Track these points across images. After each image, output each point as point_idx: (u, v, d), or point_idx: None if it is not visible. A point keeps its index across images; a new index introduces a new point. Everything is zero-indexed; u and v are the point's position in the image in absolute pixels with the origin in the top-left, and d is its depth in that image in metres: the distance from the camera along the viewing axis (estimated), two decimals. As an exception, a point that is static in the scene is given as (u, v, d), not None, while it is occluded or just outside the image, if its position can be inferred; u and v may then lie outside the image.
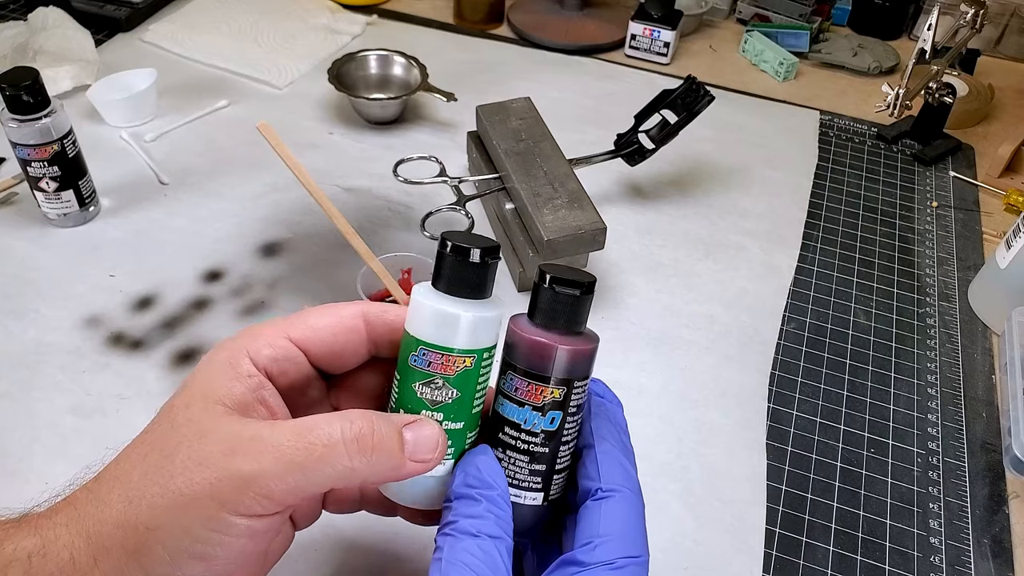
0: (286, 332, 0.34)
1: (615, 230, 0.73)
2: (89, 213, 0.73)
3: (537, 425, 0.34)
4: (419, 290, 0.34)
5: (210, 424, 0.30)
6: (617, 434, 0.36)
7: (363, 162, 0.82)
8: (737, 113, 0.94)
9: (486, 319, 0.33)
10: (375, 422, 0.31)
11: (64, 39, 0.92)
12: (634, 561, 0.32)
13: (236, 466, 0.29)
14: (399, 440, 0.31)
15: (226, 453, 0.29)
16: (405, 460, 0.31)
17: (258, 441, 0.30)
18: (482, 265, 0.33)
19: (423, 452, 0.32)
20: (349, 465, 0.30)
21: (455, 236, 0.33)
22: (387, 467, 0.31)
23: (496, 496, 0.33)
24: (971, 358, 0.67)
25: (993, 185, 0.85)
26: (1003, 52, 1.09)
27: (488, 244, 0.33)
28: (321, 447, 0.30)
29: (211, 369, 0.33)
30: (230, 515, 0.29)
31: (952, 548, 0.54)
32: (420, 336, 0.33)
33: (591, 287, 0.34)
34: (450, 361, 0.33)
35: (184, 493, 0.29)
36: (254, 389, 0.32)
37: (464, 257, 0.33)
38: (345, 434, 0.30)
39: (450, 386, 0.33)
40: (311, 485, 0.30)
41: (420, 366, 0.33)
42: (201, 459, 0.29)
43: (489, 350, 0.34)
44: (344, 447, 0.30)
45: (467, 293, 0.33)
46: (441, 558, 0.31)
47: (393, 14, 1.09)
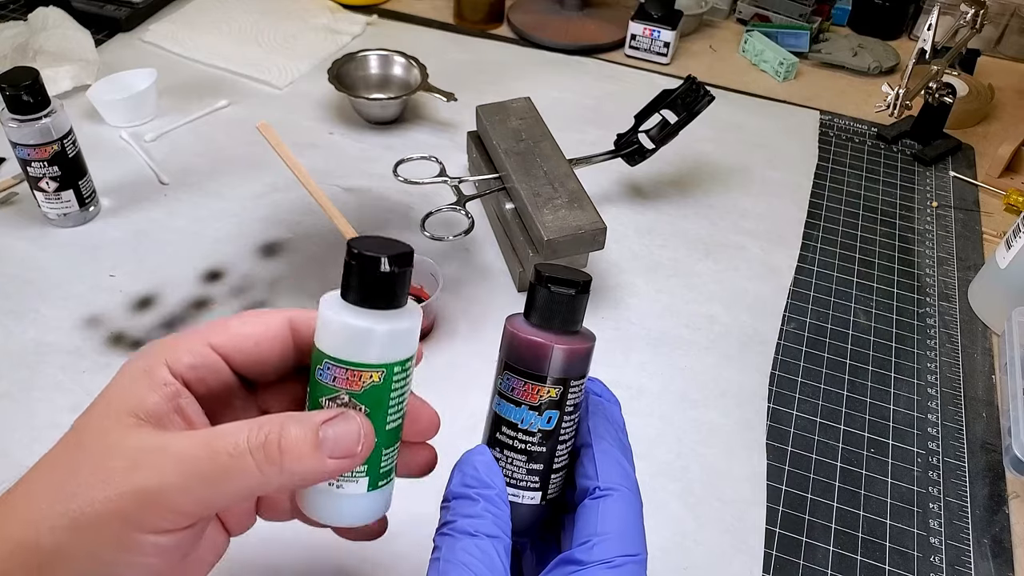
0: (207, 339, 0.32)
1: (615, 230, 0.73)
2: (89, 213, 0.73)
3: (534, 425, 0.34)
4: (326, 301, 0.31)
5: (116, 437, 0.29)
6: (615, 433, 0.36)
7: (363, 162, 0.82)
8: (737, 113, 0.94)
9: (396, 331, 0.31)
10: (286, 425, 0.29)
11: (64, 39, 0.92)
12: (632, 559, 0.32)
13: (138, 481, 0.27)
14: (314, 440, 0.29)
15: (128, 468, 0.28)
16: (324, 459, 0.29)
17: (162, 453, 0.28)
18: (390, 275, 0.31)
19: (344, 448, 0.30)
20: (258, 473, 0.28)
21: (362, 243, 0.31)
22: (304, 470, 0.29)
23: (494, 496, 0.33)
24: (971, 358, 0.67)
25: (993, 185, 0.85)
26: (1003, 52, 1.09)
27: (398, 251, 0.31)
28: (226, 456, 0.28)
29: (125, 379, 0.31)
30: (136, 533, 0.28)
31: (952, 548, 0.54)
32: (324, 350, 0.31)
33: (587, 286, 0.34)
34: (355, 376, 0.31)
35: (85, 513, 0.27)
36: (170, 398, 0.31)
37: (371, 266, 0.30)
38: (251, 441, 0.28)
39: (357, 402, 0.31)
40: (220, 497, 0.28)
41: (325, 381, 0.31)
42: (104, 476, 0.28)
43: (402, 363, 0.32)
44: (251, 455, 0.28)
45: (375, 304, 0.31)
46: (439, 558, 0.31)
47: (393, 14, 1.09)
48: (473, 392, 0.60)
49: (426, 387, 0.61)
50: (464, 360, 0.63)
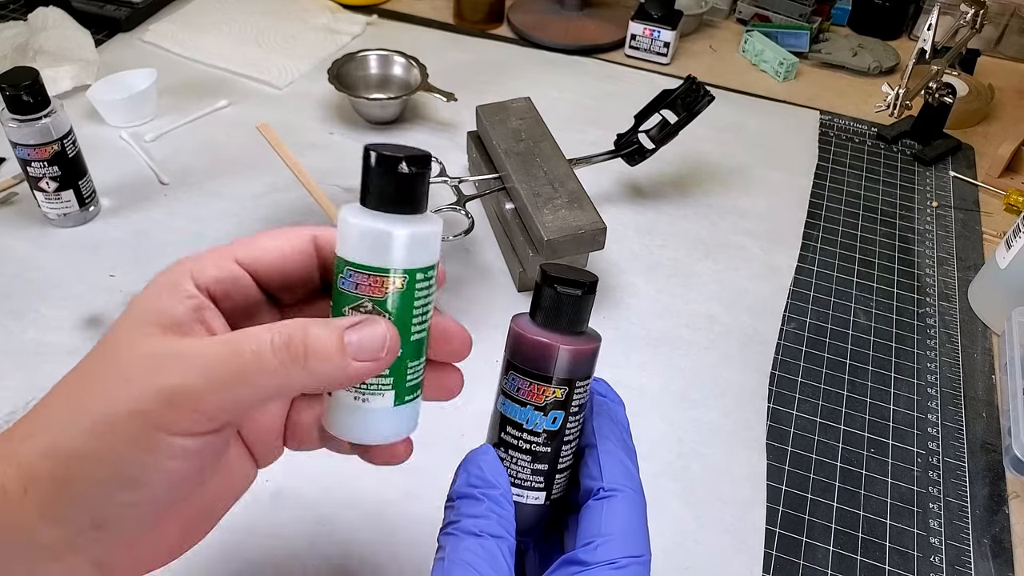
0: (234, 254, 0.33)
1: (615, 230, 0.73)
2: (89, 213, 0.73)
3: (539, 425, 0.34)
4: (346, 208, 0.31)
5: (140, 344, 0.29)
6: (619, 433, 0.36)
7: (363, 162, 0.82)
8: (737, 113, 0.94)
9: (417, 235, 0.30)
10: (310, 326, 0.29)
11: (64, 39, 0.92)
12: (636, 560, 0.32)
13: (162, 381, 0.27)
14: (339, 341, 0.29)
15: (151, 369, 0.28)
16: (348, 361, 0.29)
17: (186, 355, 0.28)
18: (409, 176, 0.30)
19: (369, 351, 0.29)
20: (282, 371, 0.28)
21: (380, 147, 0.30)
22: (328, 371, 0.28)
23: (499, 496, 0.33)
24: (971, 358, 0.67)
25: (993, 185, 0.85)
26: (1003, 52, 1.09)
27: (415, 153, 0.30)
28: (249, 354, 0.28)
29: (151, 291, 0.31)
30: (160, 433, 0.27)
31: (952, 548, 0.54)
32: (345, 256, 0.30)
33: (593, 287, 0.33)
34: (377, 282, 0.30)
35: (108, 415, 0.27)
36: (195, 309, 0.30)
37: (389, 168, 0.29)
38: (275, 340, 0.28)
39: (380, 309, 0.30)
40: (243, 396, 0.28)
41: (348, 289, 0.30)
42: (127, 378, 0.28)
43: (424, 270, 0.31)
44: (273, 353, 0.28)
45: (395, 208, 0.30)
46: (444, 557, 0.31)
47: (393, 14, 1.09)
48: (474, 392, 0.60)
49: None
50: (465, 360, 0.63)
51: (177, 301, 0.30)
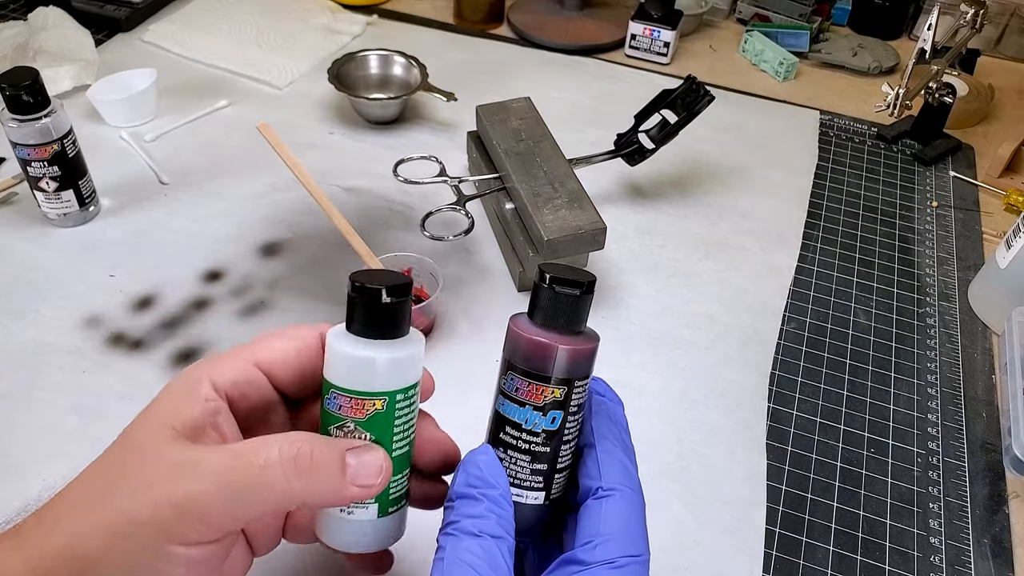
0: (251, 356, 0.34)
1: (615, 230, 0.73)
2: (89, 213, 0.73)
3: (538, 425, 0.34)
4: (332, 332, 0.33)
5: (155, 449, 0.30)
6: (618, 433, 0.36)
7: (363, 162, 0.82)
8: (737, 113, 0.94)
9: (396, 360, 0.32)
10: (316, 444, 0.31)
11: (64, 39, 0.92)
12: (635, 560, 0.32)
13: (173, 490, 0.29)
14: (340, 463, 0.31)
15: (165, 479, 0.29)
16: (346, 483, 0.31)
17: (197, 464, 0.29)
18: (389, 306, 0.32)
19: (366, 477, 0.31)
20: (287, 486, 0.30)
21: (363, 276, 0.32)
22: (327, 490, 0.31)
23: (498, 496, 0.33)
24: (971, 358, 0.67)
25: (993, 185, 0.85)
26: (1003, 52, 1.09)
27: (396, 282, 0.32)
28: (258, 468, 0.29)
29: (170, 393, 0.33)
30: (169, 543, 0.29)
31: (952, 548, 0.54)
32: (330, 379, 0.33)
33: (591, 286, 0.33)
34: (359, 404, 0.32)
35: (123, 522, 0.29)
36: (209, 414, 0.32)
37: (370, 298, 0.32)
38: (283, 454, 0.30)
39: (362, 429, 0.32)
40: (249, 507, 0.30)
41: (332, 409, 0.33)
42: (144, 484, 0.29)
43: (405, 390, 0.33)
44: (282, 468, 0.30)
45: (376, 334, 0.32)
46: (443, 558, 0.31)
47: (393, 14, 1.09)
48: (474, 392, 0.60)
49: (426, 387, 0.61)
50: (464, 360, 0.63)
51: (194, 404, 0.32)
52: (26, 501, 0.51)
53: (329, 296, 0.67)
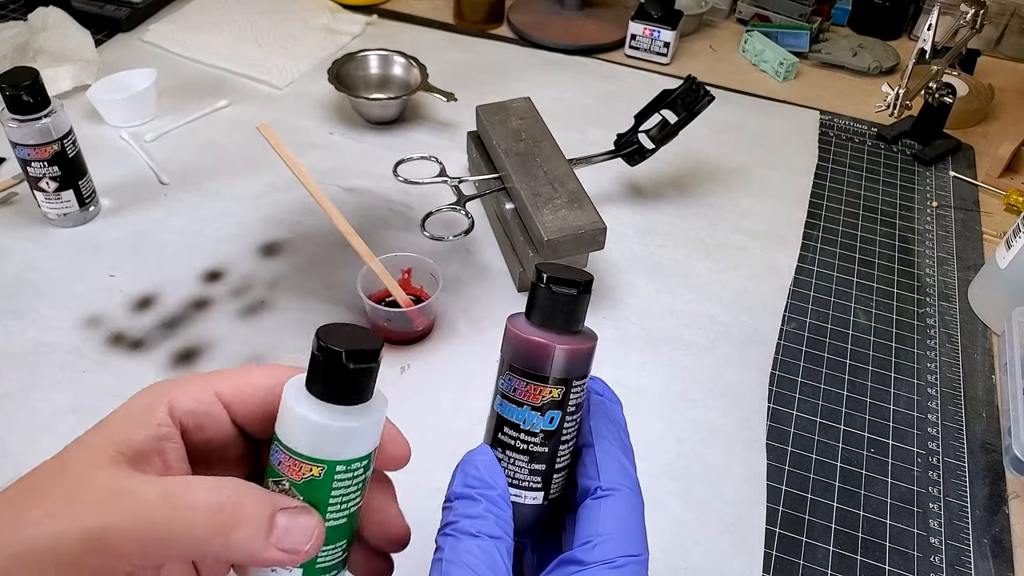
0: (216, 386, 0.32)
1: (615, 230, 0.73)
2: (89, 213, 0.73)
3: (536, 425, 0.34)
4: (290, 383, 0.31)
5: (87, 471, 0.28)
6: (616, 432, 0.36)
7: (363, 162, 0.82)
8: (737, 113, 0.94)
9: (344, 430, 0.29)
10: (247, 496, 0.28)
11: (64, 39, 0.92)
12: (634, 560, 0.32)
13: (86, 520, 0.27)
14: (268, 522, 0.28)
15: (80, 505, 0.27)
16: (268, 545, 0.28)
17: (119, 494, 0.27)
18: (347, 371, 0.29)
19: (293, 541, 0.29)
20: (204, 535, 0.27)
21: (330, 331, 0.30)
22: (246, 547, 0.28)
23: (496, 496, 0.33)
24: (971, 358, 0.67)
25: (993, 185, 0.85)
26: (1003, 52, 1.09)
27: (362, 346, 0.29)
28: (182, 510, 0.27)
29: (126, 411, 0.31)
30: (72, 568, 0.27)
31: (952, 548, 0.54)
32: (276, 431, 0.30)
33: (588, 286, 0.33)
34: (296, 466, 0.30)
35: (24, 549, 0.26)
36: (158, 439, 0.30)
37: (327, 358, 0.29)
38: (209, 501, 0.28)
39: (295, 491, 0.30)
40: (164, 549, 0.27)
41: (274, 463, 0.30)
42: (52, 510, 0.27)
43: (348, 462, 0.30)
44: (205, 514, 0.27)
45: (330, 398, 0.29)
46: (442, 558, 0.31)
47: (393, 14, 1.09)
48: (473, 392, 0.60)
49: (427, 387, 0.61)
50: (464, 360, 0.63)
51: (144, 427, 0.30)
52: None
53: (329, 296, 0.67)
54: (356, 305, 0.66)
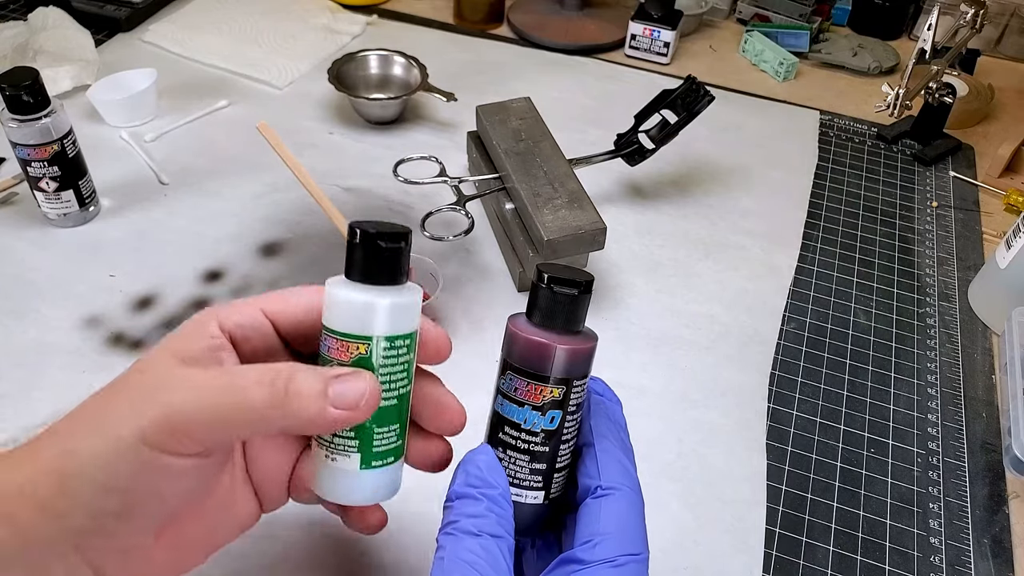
0: (261, 304, 0.35)
1: (615, 230, 0.73)
2: (89, 213, 0.73)
3: (537, 424, 0.34)
4: (331, 279, 0.34)
5: (157, 369, 0.32)
6: (616, 432, 0.36)
7: (363, 162, 0.82)
8: (737, 113, 0.94)
9: (383, 305, 0.32)
10: (299, 370, 0.31)
11: (64, 39, 0.92)
12: (634, 559, 0.32)
13: (158, 403, 0.30)
14: (322, 387, 0.31)
15: (152, 392, 0.30)
16: (326, 406, 0.31)
17: (183, 381, 0.31)
18: (379, 250, 0.32)
19: (348, 400, 0.31)
20: (263, 407, 0.30)
21: (363, 223, 0.32)
22: (305, 412, 0.30)
23: (497, 495, 0.33)
24: (971, 358, 0.67)
25: (993, 185, 0.85)
26: (1003, 52, 1.09)
27: (388, 230, 0.32)
28: (237, 388, 0.30)
29: (181, 329, 0.34)
30: (151, 452, 0.30)
31: (952, 548, 0.54)
32: (324, 322, 0.33)
33: (589, 286, 0.33)
34: (343, 347, 0.32)
35: (110, 435, 0.30)
36: (213, 349, 0.33)
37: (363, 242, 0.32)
38: (262, 377, 0.30)
39: None
40: (228, 424, 0.30)
41: (323, 351, 0.33)
42: (132, 398, 0.31)
43: (391, 339, 0.32)
44: (261, 388, 0.30)
45: (368, 280, 0.32)
46: (443, 557, 0.31)
47: (393, 14, 1.09)
48: (473, 392, 0.60)
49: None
50: (464, 360, 0.63)
51: (199, 339, 0.33)
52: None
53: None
54: (356, 305, 0.66)
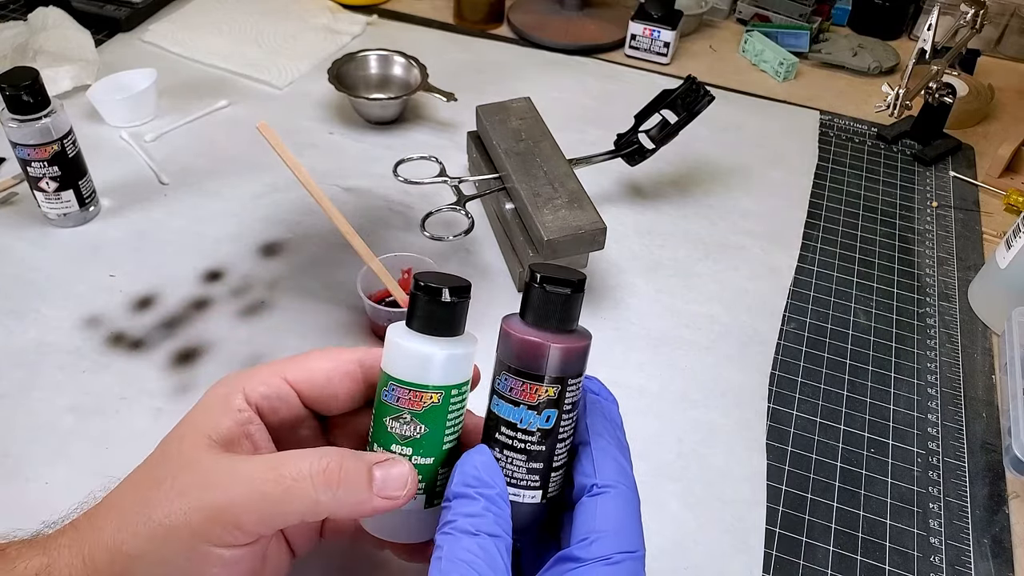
0: (283, 372, 0.36)
1: (615, 230, 0.73)
2: (89, 213, 0.73)
3: (533, 424, 0.34)
4: (393, 328, 0.35)
5: (194, 456, 0.32)
6: (612, 430, 0.36)
7: (363, 162, 0.82)
8: (737, 113, 0.94)
9: (454, 356, 0.34)
10: (345, 459, 0.32)
11: (64, 39, 0.92)
12: (631, 556, 0.32)
13: (209, 497, 0.31)
14: (367, 476, 0.32)
15: (202, 485, 0.31)
16: (372, 496, 0.32)
17: (232, 473, 0.32)
18: (450, 305, 0.34)
19: (392, 489, 0.33)
20: (315, 498, 0.31)
21: (426, 276, 0.34)
22: (354, 502, 0.32)
23: (495, 495, 0.33)
24: (971, 358, 0.67)
25: (993, 185, 0.85)
26: (1003, 52, 1.09)
27: (458, 284, 0.34)
28: (290, 480, 0.31)
29: (206, 403, 0.35)
30: (204, 544, 0.31)
31: (952, 548, 0.54)
32: (390, 372, 0.34)
33: (581, 285, 0.34)
34: (417, 397, 0.34)
35: (163, 523, 0.31)
36: (242, 424, 0.34)
37: (433, 297, 0.34)
38: (313, 468, 0.32)
39: (418, 421, 0.34)
40: (280, 516, 0.32)
41: (390, 401, 0.34)
42: (181, 490, 0.31)
43: (459, 387, 0.35)
44: (311, 481, 0.31)
45: (436, 331, 0.34)
46: (441, 556, 0.31)
47: (393, 14, 1.09)
48: (474, 391, 0.60)
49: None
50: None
51: (227, 415, 0.34)
52: (26, 500, 0.51)
53: (329, 296, 0.67)
54: (356, 305, 0.66)
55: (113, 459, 0.54)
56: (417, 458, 0.34)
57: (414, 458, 0.34)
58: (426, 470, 0.35)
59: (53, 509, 0.37)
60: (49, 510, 0.37)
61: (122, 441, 0.56)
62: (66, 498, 0.37)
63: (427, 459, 0.34)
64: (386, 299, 0.64)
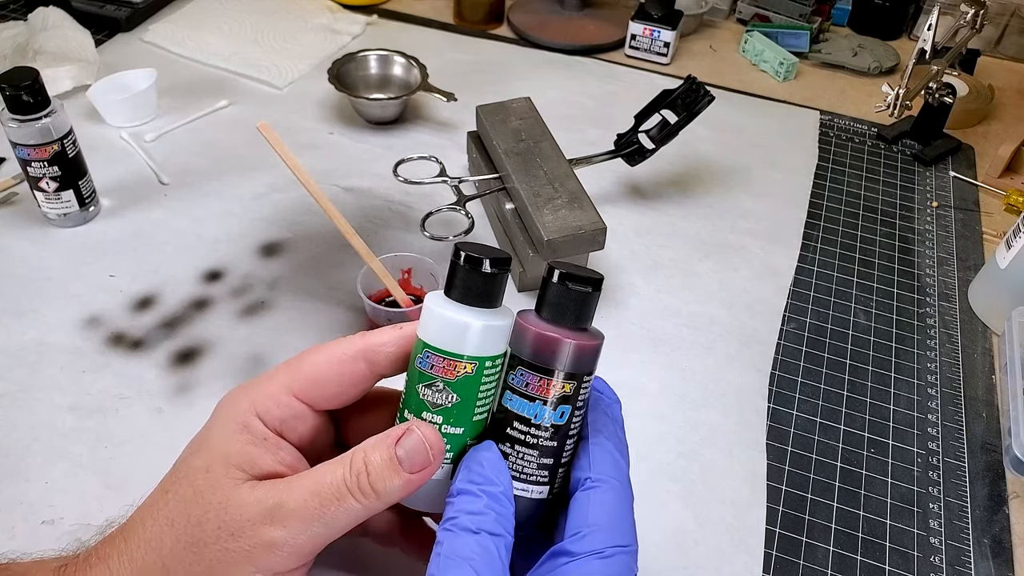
0: (289, 388, 0.35)
1: (615, 230, 0.73)
2: (89, 213, 0.73)
3: (547, 419, 0.34)
4: (431, 297, 0.35)
5: (233, 493, 0.32)
6: (613, 428, 0.36)
7: (363, 162, 0.82)
8: (737, 113, 0.94)
9: (491, 328, 0.34)
10: (368, 456, 0.32)
11: (64, 39, 0.92)
12: (623, 550, 0.32)
13: (267, 535, 0.31)
14: (394, 463, 0.32)
15: (255, 523, 0.32)
16: (406, 476, 0.33)
17: (281, 508, 0.32)
18: (489, 275, 0.34)
19: (418, 463, 0.33)
20: (361, 507, 0.32)
21: (467, 246, 0.34)
22: (396, 491, 0.32)
23: (498, 493, 0.33)
24: (971, 358, 0.67)
25: (993, 185, 0.85)
26: (1003, 52, 1.09)
27: (497, 255, 0.34)
28: (335, 500, 0.32)
29: (223, 431, 0.34)
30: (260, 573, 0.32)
31: (952, 548, 0.54)
32: (426, 340, 0.34)
33: (600, 284, 0.34)
34: (451, 365, 0.33)
35: (221, 561, 0.31)
36: (271, 451, 0.34)
37: (473, 267, 0.34)
38: (348, 481, 0.32)
39: (450, 390, 0.34)
40: (334, 533, 0.32)
41: (424, 368, 0.34)
42: (233, 530, 0.32)
43: (494, 359, 0.34)
44: (351, 494, 0.32)
45: (475, 302, 0.34)
46: (440, 552, 0.31)
47: (393, 14, 1.09)
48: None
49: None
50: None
51: (254, 445, 0.34)
52: (27, 501, 0.51)
53: (329, 296, 0.67)
54: (356, 305, 0.66)
55: (113, 459, 0.54)
56: (447, 427, 0.34)
57: (444, 427, 0.34)
58: (455, 439, 0.34)
59: (53, 509, 0.37)
60: (49, 510, 0.37)
61: (122, 441, 0.56)
62: (66, 498, 0.37)
63: (457, 428, 0.34)
64: (386, 299, 0.64)
